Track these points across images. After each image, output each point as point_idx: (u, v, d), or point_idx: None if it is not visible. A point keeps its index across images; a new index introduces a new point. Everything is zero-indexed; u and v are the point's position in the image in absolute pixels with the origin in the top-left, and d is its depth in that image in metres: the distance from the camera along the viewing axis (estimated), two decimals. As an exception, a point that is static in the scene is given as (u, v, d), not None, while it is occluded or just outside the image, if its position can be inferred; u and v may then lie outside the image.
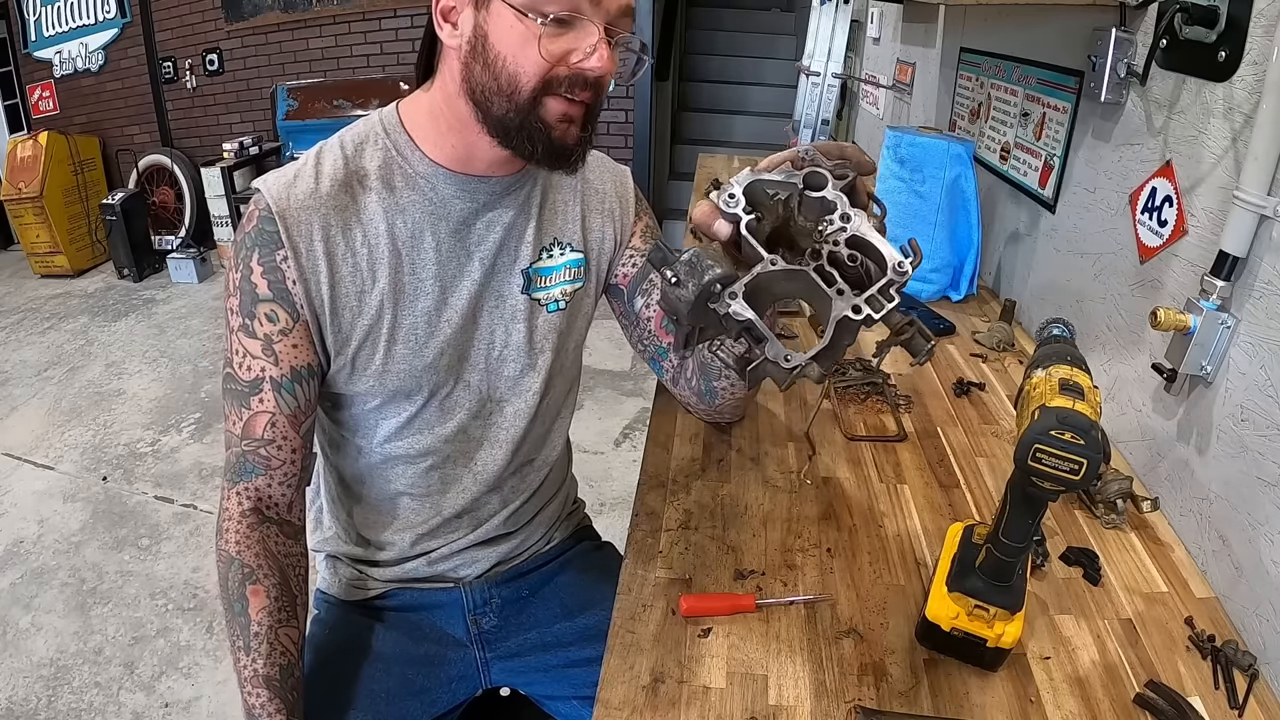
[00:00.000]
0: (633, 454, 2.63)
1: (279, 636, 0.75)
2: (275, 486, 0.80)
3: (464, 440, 0.89)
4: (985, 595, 0.67)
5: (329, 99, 4.19)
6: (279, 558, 0.79)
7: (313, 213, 0.75)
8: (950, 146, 1.39)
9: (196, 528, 2.28)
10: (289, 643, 0.76)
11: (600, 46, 0.69)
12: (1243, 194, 0.77)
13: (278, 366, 0.76)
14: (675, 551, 0.83)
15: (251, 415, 0.77)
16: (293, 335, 0.77)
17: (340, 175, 0.77)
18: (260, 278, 0.75)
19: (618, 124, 4.24)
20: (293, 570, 0.81)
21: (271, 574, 0.77)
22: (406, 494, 0.90)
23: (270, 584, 0.77)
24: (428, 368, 0.83)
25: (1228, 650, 0.72)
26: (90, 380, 3.14)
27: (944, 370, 1.22)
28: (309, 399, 0.79)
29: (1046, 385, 0.63)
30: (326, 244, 0.76)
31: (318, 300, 0.77)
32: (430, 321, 0.81)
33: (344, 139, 0.79)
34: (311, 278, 0.76)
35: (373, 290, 0.79)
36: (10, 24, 4.59)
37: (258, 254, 0.75)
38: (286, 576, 0.79)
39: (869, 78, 2.67)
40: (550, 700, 0.96)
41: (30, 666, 1.80)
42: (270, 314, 0.76)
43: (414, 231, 0.79)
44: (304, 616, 0.81)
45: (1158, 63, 0.96)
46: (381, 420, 0.86)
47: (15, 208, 4.13)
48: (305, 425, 0.80)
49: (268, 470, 0.79)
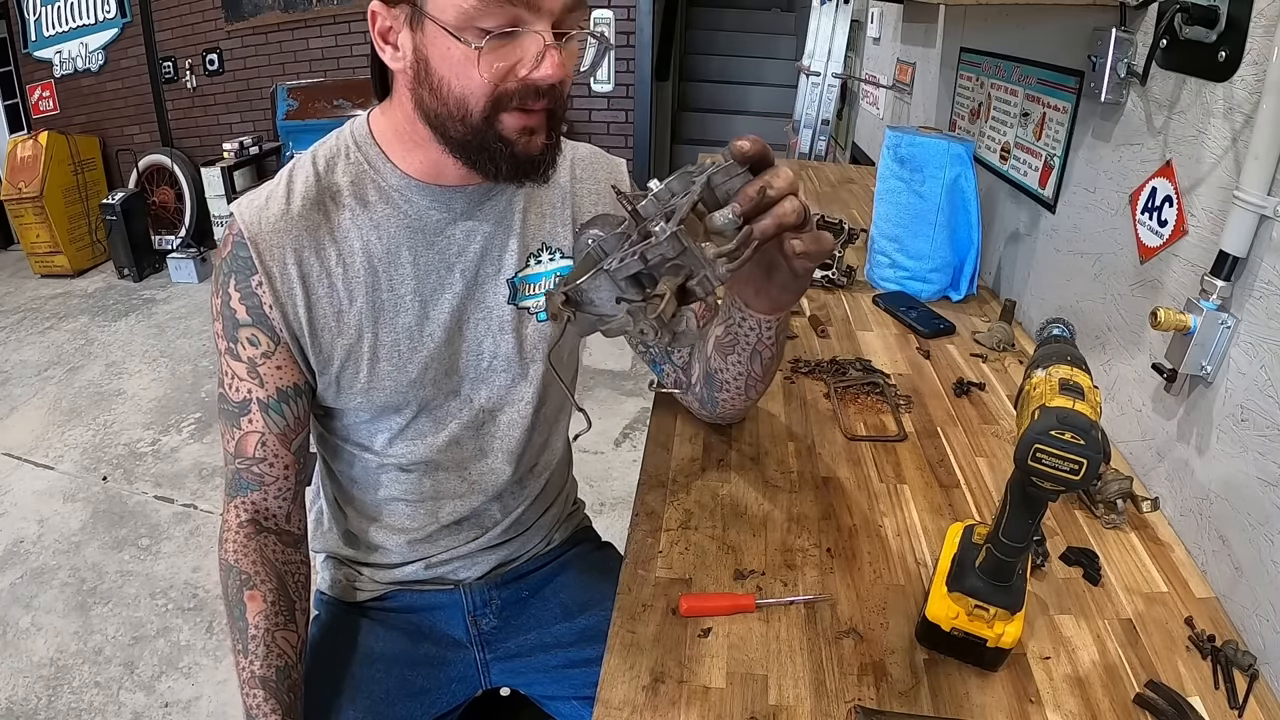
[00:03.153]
0: (633, 454, 2.63)
1: (275, 639, 0.76)
2: (271, 500, 0.81)
3: (458, 451, 0.88)
4: (985, 595, 0.67)
5: (329, 99, 4.19)
6: (276, 565, 0.80)
7: (284, 235, 0.75)
8: (950, 146, 1.39)
9: (196, 527, 2.28)
10: (286, 646, 0.77)
11: (548, 53, 0.66)
12: (1243, 194, 0.77)
13: (263, 388, 0.78)
14: (675, 551, 0.83)
15: (243, 435, 0.79)
16: (275, 358, 0.77)
17: (312, 193, 0.76)
18: (238, 303, 0.76)
19: (618, 124, 4.24)
20: (291, 577, 0.81)
21: (268, 580, 0.78)
22: (402, 500, 0.90)
23: (267, 589, 0.77)
24: (413, 383, 0.82)
25: (1228, 650, 0.72)
26: (90, 380, 3.14)
27: (944, 370, 1.22)
28: (297, 416, 0.80)
29: (1046, 385, 0.63)
30: (300, 266, 0.76)
31: (296, 324, 0.77)
32: (412, 337, 0.81)
33: (315, 154, 0.78)
34: (288, 301, 0.76)
35: (350, 310, 0.78)
36: (10, 24, 4.59)
37: (234, 280, 0.75)
38: (284, 582, 0.80)
39: (869, 78, 2.67)
40: (550, 700, 0.96)
41: (30, 666, 1.80)
42: (252, 338, 0.76)
43: (390, 247, 0.78)
44: (304, 622, 0.81)
45: (1158, 63, 0.96)
46: (374, 431, 0.86)
47: (15, 207, 4.13)
48: (296, 441, 0.81)
49: (262, 486, 0.80)
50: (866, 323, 1.39)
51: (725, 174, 0.58)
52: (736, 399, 0.89)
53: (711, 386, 0.89)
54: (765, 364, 0.83)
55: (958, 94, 1.78)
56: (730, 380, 0.86)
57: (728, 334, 0.81)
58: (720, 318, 0.82)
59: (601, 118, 4.24)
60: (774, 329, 0.78)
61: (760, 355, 0.81)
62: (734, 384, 0.86)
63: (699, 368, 0.90)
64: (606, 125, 4.23)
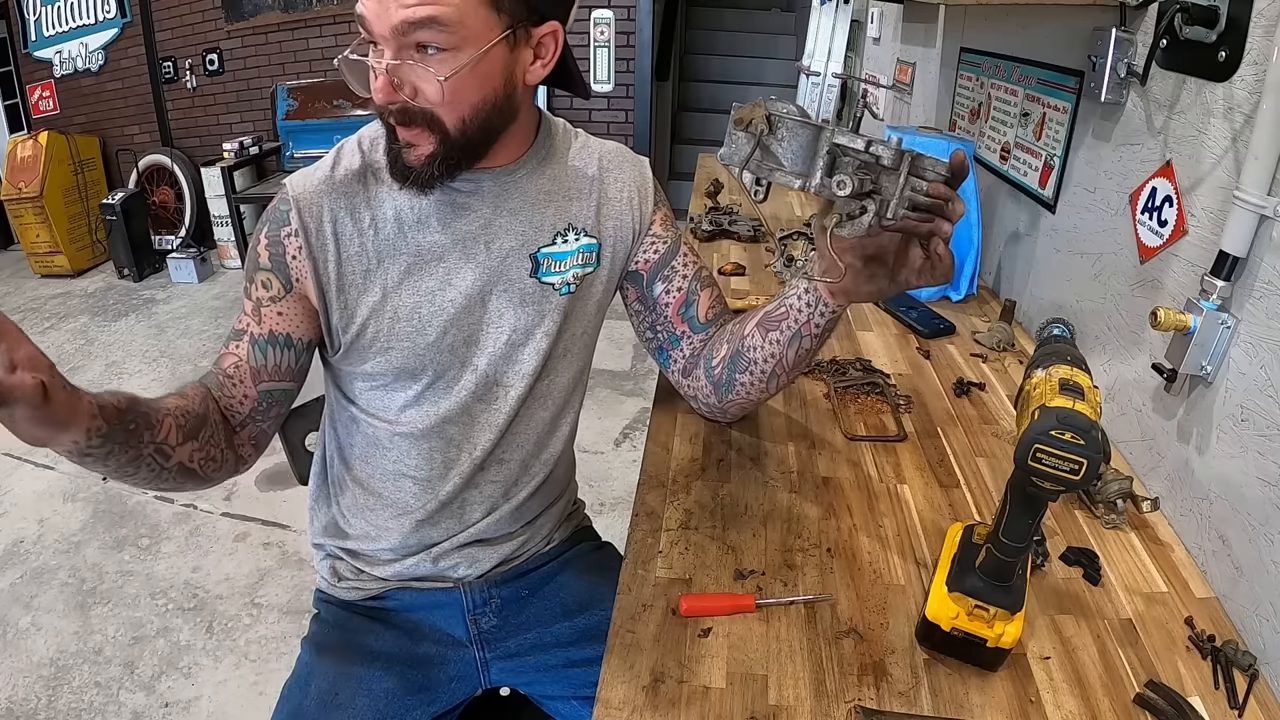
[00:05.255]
0: (633, 454, 2.63)
1: (161, 399, 0.75)
2: (223, 401, 0.84)
3: (467, 421, 0.89)
4: (985, 595, 0.67)
5: (329, 99, 4.19)
6: (210, 400, 0.81)
7: (324, 196, 0.81)
8: (950, 146, 1.39)
9: (196, 528, 2.28)
10: (158, 403, 0.74)
11: (376, 78, 0.71)
12: (1243, 194, 0.77)
13: (259, 326, 0.83)
14: (675, 551, 0.83)
15: (225, 354, 0.84)
16: (280, 304, 0.83)
17: (356, 167, 0.83)
18: (264, 249, 0.82)
19: (618, 124, 4.24)
20: (213, 414, 0.80)
21: (196, 397, 0.79)
22: (410, 477, 0.91)
23: (194, 393, 0.79)
24: (430, 346, 0.84)
25: (1228, 650, 0.72)
26: (90, 380, 3.14)
27: (944, 370, 1.22)
28: (277, 365, 0.84)
29: (1046, 385, 0.63)
30: (335, 224, 0.81)
31: (325, 277, 0.82)
32: (434, 300, 0.83)
33: (362, 136, 0.85)
34: (319, 255, 0.81)
35: (378, 270, 0.82)
36: (10, 24, 4.59)
37: (267, 228, 0.82)
38: (207, 408, 0.80)
39: (869, 78, 2.67)
40: (550, 700, 0.96)
41: (30, 666, 1.80)
42: (265, 281, 0.82)
43: (420, 217, 0.82)
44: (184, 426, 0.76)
45: (1158, 63, 0.96)
46: (388, 397, 0.88)
47: (15, 207, 4.13)
48: (266, 384, 0.85)
49: (220, 391, 0.83)
50: (866, 322, 1.39)
51: (933, 163, 0.66)
52: (754, 386, 0.89)
53: (735, 367, 0.89)
54: (799, 353, 0.85)
55: (958, 94, 1.78)
56: (759, 360, 0.86)
57: (779, 308, 0.84)
58: (775, 297, 0.86)
59: (601, 118, 4.25)
60: (828, 317, 0.81)
61: (800, 341, 0.83)
62: (760, 365, 0.87)
63: (728, 347, 0.90)
64: (606, 125, 4.24)
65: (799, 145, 0.66)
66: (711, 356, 0.92)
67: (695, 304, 0.93)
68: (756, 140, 0.66)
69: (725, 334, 0.92)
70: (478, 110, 0.75)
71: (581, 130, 0.94)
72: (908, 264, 0.73)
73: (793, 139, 0.66)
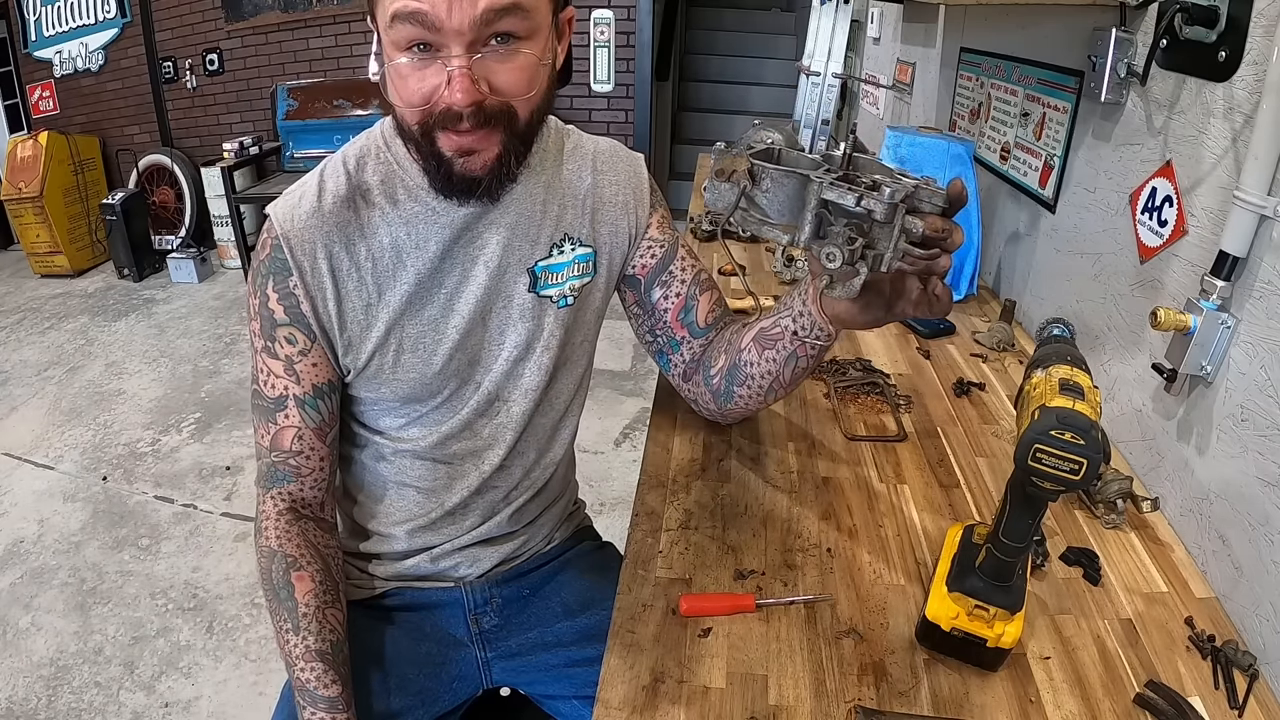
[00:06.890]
0: (633, 454, 2.63)
1: (327, 616, 0.79)
2: (308, 490, 0.84)
3: (471, 437, 0.89)
4: (985, 595, 0.67)
5: (329, 99, 4.19)
6: (319, 548, 0.83)
7: (315, 231, 0.77)
8: (950, 146, 1.39)
9: (196, 528, 2.28)
10: (336, 622, 0.80)
11: (455, 78, 0.66)
12: (1243, 194, 0.77)
13: (300, 385, 0.81)
14: (675, 551, 0.83)
15: (279, 430, 0.82)
16: (311, 355, 0.80)
17: (344, 191, 0.78)
18: (277, 304, 0.79)
19: (618, 124, 4.24)
20: (332, 559, 0.85)
21: (314, 561, 0.81)
22: (413, 487, 0.91)
23: (314, 569, 0.80)
24: (437, 374, 0.84)
25: (1228, 650, 0.72)
26: (90, 380, 3.14)
27: (944, 370, 1.22)
28: (332, 411, 0.84)
29: (1046, 385, 0.63)
30: (330, 261, 0.78)
31: (325, 317, 0.79)
32: (437, 329, 0.82)
33: (346, 155, 0.81)
34: (317, 295, 0.78)
35: (379, 303, 0.80)
36: (10, 24, 4.59)
37: (272, 281, 0.78)
38: (328, 564, 0.83)
39: (869, 78, 2.67)
40: (551, 700, 0.96)
41: (30, 666, 1.80)
42: (289, 337, 0.80)
43: (418, 242, 0.80)
44: (344, 603, 0.84)
45: (1158, 63, 0.96)
46: (392, 417, 0.88)
47: (15, 207, 4.13)
48: (330, 435, 0.85)
49: (299, 477, 0.83)
50: (866, 323, 1.39)
51: (930, 194, 0.61)
52: (752, 399, 0.89)
53: (733, 380, 0.89)
54: (795, 372, 0.83)
55: (958, 94, 1.78)
56: (756, 376, 0.85)
57: (775, 327, 0.82)
58: (772, 311, 0.83)
59: (601, 118, 4.24)
60: (823, 340, 0.79)
61: (796, 361, 0.81)
62: (757, 381, 0.86)
63: (726, 358, 0.89)
64: (606, 125, 4.23)
65: (785, 196, 0.62)
66: (710, 365, 0.92)
67: (694, 309, 0.92)
68: (740, 191, 0.62)
69: (724, 342, 0.90)
70: (545, 99, 0.73)
71: (573, 128, 0.92)
72: (904, 295, 0.69)
73: (778, 190, 0.62)
